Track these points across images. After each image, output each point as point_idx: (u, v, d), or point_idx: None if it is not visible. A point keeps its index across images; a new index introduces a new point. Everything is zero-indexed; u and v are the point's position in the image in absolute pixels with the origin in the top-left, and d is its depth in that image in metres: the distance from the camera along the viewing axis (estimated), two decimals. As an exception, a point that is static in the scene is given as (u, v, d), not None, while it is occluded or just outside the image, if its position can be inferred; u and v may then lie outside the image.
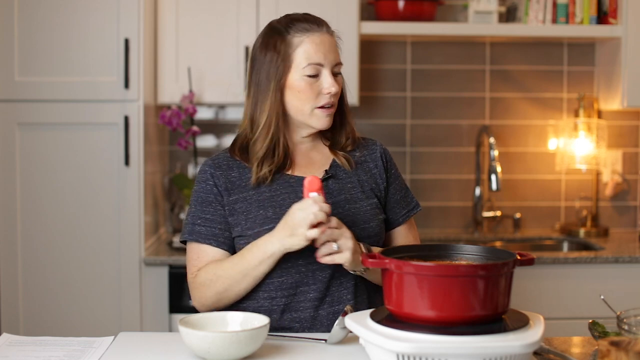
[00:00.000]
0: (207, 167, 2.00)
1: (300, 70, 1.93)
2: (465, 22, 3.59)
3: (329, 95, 1.94)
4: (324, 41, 1.94)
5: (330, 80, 1.93)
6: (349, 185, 2.00)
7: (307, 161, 2.03)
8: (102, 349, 1.74)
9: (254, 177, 1.95)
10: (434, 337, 1.49)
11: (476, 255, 1.70)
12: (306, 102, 1.94)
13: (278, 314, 1.91)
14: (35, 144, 3.12)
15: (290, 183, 1.97)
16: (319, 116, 1.96)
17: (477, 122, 3.77)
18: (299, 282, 1.91)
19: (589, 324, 1.83)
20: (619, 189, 3.80)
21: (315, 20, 1.97)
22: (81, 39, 3.11)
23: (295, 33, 1.94)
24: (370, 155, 2.07)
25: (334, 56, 1.96)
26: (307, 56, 1.93)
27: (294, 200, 1.92)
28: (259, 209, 1.93)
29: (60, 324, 3.12)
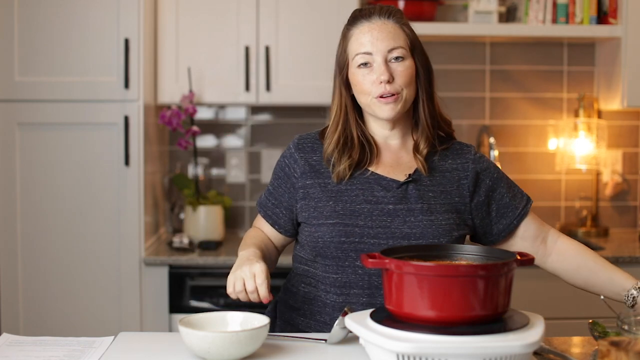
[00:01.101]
0: (292, 145, 2.00)
1: (353, 62, 1.91)
2: (465, 22, 3.59)
3: (382, 84, 1.86)
4: (372, 29, 1.89)
5: (381, 69, 1.86)
6: (430, 194, 1.92)
7: (394, 161, 1.96)
8: (102, 349, 1.74)
9: (334, 174, 1.91)
10: (434, 337, 1.49)
11: (476, 255, 1.70)
12: (364, 94, 1.90)
13: (330, 309, 1.90)
14: (35, 144, 3.12)
15: (369, 180, 1.92)
16: (378, 106, 1.89)
17: (477, 122, 3.77)
18: (354, 283, 1.88)
19: (589, 324, 1.83)
20: (619, 189, 3.80)
21: (371, 10, 1.92)
22: (81, 39, 3.11)
23: (351, 27, 1.93)
24: (462, 164, 1.98)
25: (387, 42, 1.87)
26: (356, 47, 1.90)
27: (367, 197, 1.89)
28: (329, 199, 1.90)
29: (60, 324, 3.12)
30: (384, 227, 1.87)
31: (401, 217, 1.88)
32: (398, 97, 1.89)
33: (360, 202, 1.88)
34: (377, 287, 1.87)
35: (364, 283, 1.87)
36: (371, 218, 1.88)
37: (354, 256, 1.86)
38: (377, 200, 1.90)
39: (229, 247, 3.35)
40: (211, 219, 3.40)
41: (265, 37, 3.37)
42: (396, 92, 1.88)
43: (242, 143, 3.74)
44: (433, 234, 1.88)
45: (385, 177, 1.93)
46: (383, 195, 1.90)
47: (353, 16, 1.95)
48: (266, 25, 3.37)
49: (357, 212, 1.88)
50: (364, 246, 1.86)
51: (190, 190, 3.48)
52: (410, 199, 1.90)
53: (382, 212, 1.88)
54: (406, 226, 1.88)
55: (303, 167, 1.95)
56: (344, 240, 1.86)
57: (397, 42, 1.89)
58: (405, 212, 1.89)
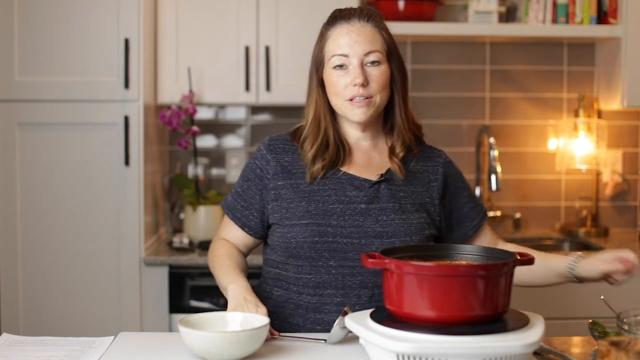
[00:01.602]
0: (263, 146, 2.02)
1: (328, 63, 1.92)
2: (465, 22, 3.59)
3: (356, 88, 1.88)
4: (350, 32, 1.89)
5: (357, 72, 1.87)
6: (401, 194, 1.95)
7: (366, 161, 1.98)
8: (102, 349, 1.74)
9: (308, 173, 1.93)
10: (434, 337, 1.49)
11: (476, 255, 1.70)
12: (336, 95, 1.92)
13: (304, 310, 1.90)
14: (35, 144, 3.12)
15: (341, 180, 1.94)
16: (350, 109, 1.90)
17: (477, 122, 3.77)
18: (327, 283, 1.88)
19: (589, 324, 1.83)
20: (619, 189, 3.80)
21: (351, 12, 1.93)
22: (81, 39, 3.11)
23: (330, 27, 1.94)
24: (433, 167, 2.01)
25: (364, 45, 1.88)
26: (332, 48, 1.91)
27: (340, 197, 1.91)
28: (302, 200, 1.91)
29: (60, 324, 3.12)
30: (357, 227, 1.89)
31: (373, 216, 1.91)
32: (371, 102, 1.91)
33: (333, 202, 1.90)
34: (351, 287, 1.88)
35: (337, 283, 1.88)
36: (344, 217, 1.90)
37: (327, 256, 1.88)
38: (349, 199, 1.92)
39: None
40: (211, 219, 3.40)
41: (265, 37, 3.37)
42: (369, 96, 1.90)
43: (242, 143, 3.74)
44: (405, 232, 1.90)
45: (358, 177, 1.95)
46: (355, 194, 1.92)
47: (332, 16, 1.96)
48: (266, 25, 3.37)
49: (329, 212, 1.90)
50: (337, 245, 1.88)
51: (190, 190, 3.48)
52: (382, 198, 1.93)
53: (354, 212, 1.90)
54: (378, 225, 1.90)
55: (275, 168, 1.97)
56: (317, 240, 1.87)
57: (374, 46, 1.90)
58: (378, 211, 1.91)
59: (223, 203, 2.05)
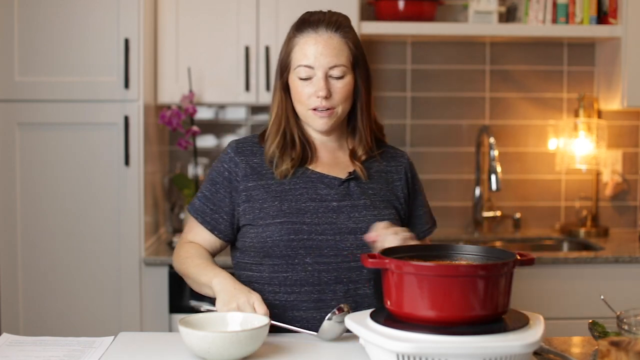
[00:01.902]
0: (230, 149, 2.01)
1: (294, 72, 1.94)
2: (465, 22, 3.59)
3: (319, 100, 1.91)
4: (317, 42, 1.91)
5: (320, 84, 1.90)
6: (370, 191, 1.98)
7: (333, 160, 2.01)
8: (102, 349, 1.74)
9: (276, 172, 1.95)
10: (434, 337, 1.49)
11: (476, 255, 1.70)
12: (300, 103, 1.95)
13: (280, 309, 1.91)
14: (35, 144, 3.12)
15: (311, 178, 1.96)
16: (313, 118, 1.94)
17: (477, 122, 3.77)
18: (304, 280, 1.90)
19: (589, 324, 1.83)
20: (619, 189, 3.80)
21: (319, 20, 1.93)
22: (81, 39, 3.11)
23: (297, 33, 1.94)
24: (396, 167, 2.05)
25: (329, 59, 1.90)
26: (298, 57, 1.92)
27: (312, 196, 1.93)
28: (274, 199, 1.93)
29: (60, 324, 3.12)
30: (331, 224, 1.92)
31: (346, 213, 1.94)
32: (333, 112, 1.94)
33: (305, 201, 1.93)
34: (327, 283, 1.90)
35: (313, 280, 1.90)
36: (317, 215, 1.92)
37: (303, 253, 1.90)
38: (321, 197, 1.94)
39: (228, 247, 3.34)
40: (211, 219, 3.40)
41: (265, 37, 3.37)
42: (331, 107, 1.93)
43: (242, 143, 3.73)
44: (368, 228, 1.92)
45: (327, 175, 1.97)
46: (327, 192, 1.95)
47: (301, 21, 1.96)
48: (266, 25, 3.37)
49: (303, 210, 1.92)
50: (313, 242, 1.90)
51: (190, 190, 3.48)
52: (353, 196, 1.96)
53: (327, 209, 1.93)
54: (352, 221, 1.92)
55: (244, 170, 1.98)
56: (293, 237, 1.89)
57: (339, 60, 1.92)
58: (350, 208, 1.94)
59: (190, 207, 2.04)
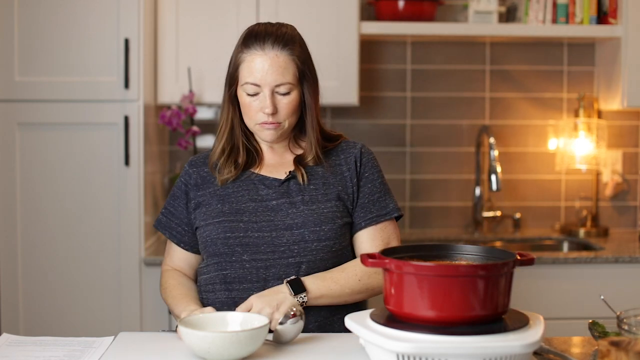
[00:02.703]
0: (187, 164, 2.12)
1: (241, 87, 1.98)
2: (465, 22, 3.59)
3: (266, 115, 1.96)
4: (264, 61, 1.94)
5: (266, 102, 1.94)
6: (311, 186, 2.01)
7: (278, 161, 2.07)
8: (102, 349, 1.74)
9: (218, 179, 2.03)
10: (434, 337, 1.49)
11: (476, 255, 1.70)
12: (247, 116, 2.00)
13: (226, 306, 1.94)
14: (35, 144, 3.12)
15: (253, 181, 2.02)
16: (260, 130, 2.00)
17: (477, 122, 3.77)
18: (243, 277, 1.94)
19: (589, 324, 1.83)
20: (619, 189, 3.80)
21: (265, 36, 1.96)
22: (81, 39, 3.11)
23: (244, 49, 1.98)
24: (345, 159, 2.07)
25: (275, 77, 1.94)
26: (245, 75, 1.97)
27: (253, 197, 1.99)
28: (217, 202, 2.00)
29: (60, 324, 3.12)
30: (268, 221, 1.96)
31: (284, 210, 1.98)
32: (279, 126, 2.00)
33: (246, 201, 1.99)
34: (266, 280, 1.93)
35: (252, 277, 1.93)
36: (255, 214, 1.97)
37: (240, 251, 1.94)
38: (261, 198, 2.00)
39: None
40: (211, 219, 3.40)
41: (265, 37, 3.36)
42: (278, 122, 1.98)
43: (242, 143, 3.73)
44: (315, 221, 1.96)
45: (268, 177, 2.03)
46: (266, 193, 2.00)
47: (248, 35, 1.99)
48: (266, 25, 3.37)
49: (242, 210, 1.98)
50: (249, 240, 1.94)
51: (190, 190, 3.48)
52: (291, 193, 2.00)
53: (266, 208, 1.98)
54: (289, 217, 1.96)
55: (195, 180, 2.06)
56: (229, 235, 1.94)
57: (285, 78, 1.95)
58: (288, 205, 1.98)
59: (157, 224, 2.12)
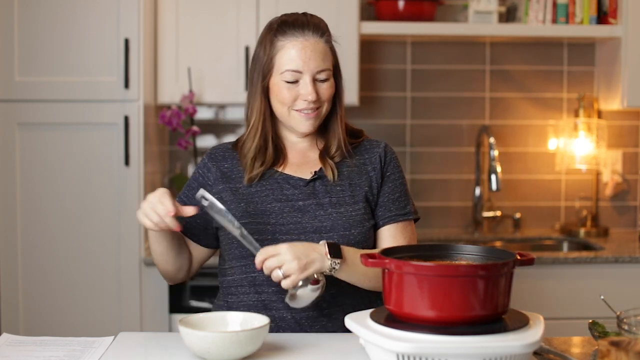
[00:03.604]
0: (206, 156, 2.07)
1: (279, 75, 1.94)
2: (465, 22, 3.59)
3: (307, 102, 1.92)
4: (305, 47, 1.92)
5: (309, 88, 1.91)
6: (337, 187, 1.98)
7: (301, 160, 2.03)
8: (102, 349, 1.74)
9: (246, 177, 1.98)
10: (434, 337, 1.49)
11: (476, 255, 1.70)
12: (283, 105, 1.95)
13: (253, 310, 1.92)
14: (35, 144, 3.12)
15: (277, 180, 1.98)
16: (297, 119, 1.95)
17: (477, 122, 3.77)
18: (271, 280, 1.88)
19: (589, 324, 1.83)
20: (619, 189, 3.80)
21: (302, 23, 1.94)
22: (81, 39, 3.11)
23: (280, 36, 1.94)
24: (370, 158, 2.03)
25: (317, 63, 1.92)
26: (286, 62, 1.92)
27: (278, 197, 1.95)
28: (240, 202, 1.96)
29: (60, 324, 3.12)
30: (296, 223, 1.93)
31: (311, 212, 1.95)
32: (318, 114, 1.96)
33: (271, 202, 1.95)
34: None
35: None
36: (282, 215, 1.94)
37: None
38: (286, 198, 1.96)
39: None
40: (211, 219, 3.40)
41: (265, 37, 3.37)
42: (318, 108, 1.95)
43: (242, 143, 3.73)
44: (344, 225, 1.93)
45: (293, 176, 1.99)
46: (292, 193, 1.97)
47: (284, 23, 1.96)
48: (266, 25, 3.37)
49: (268, 211, 1.94)
50: (277, 242, 1.89)
51: (190, 190, 3.48)
52: (318, 195, 1.97)
53: (292, 209, 1.95)
54: (317, 220, 1.93)
55: (215, 174, 2.02)
56: (258, 238, 1.90)
57: (325, 64, 1.94)
58: (315, 206, 1.94)
59: None
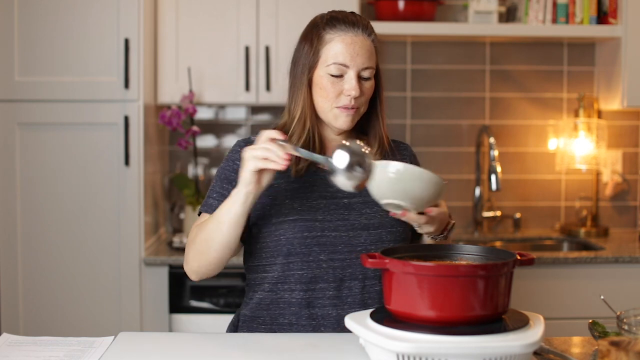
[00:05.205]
0: (239, 147, 1.99)
1: (325, 68, 1.92)
2: (465, 22, 3.59)
3: (349, 98, 1.91)
4: (354, 42, 1.91)
5: (353, 83, 1.90)
6: None
7: None
8: (102, 349, 1.74)
9: (293, 169, 1.95)
10: (434, 337, 1.49)
11: (476, 255, 1.70)
12: (326, 99, 1.93)
13: (297, 307, 1.91)
14: (35, 144, 3.12)
15: (320, 176, 1.96)
16: (337, 115, 1.94)
17: (477, 122, 3.77)
18: (319, 277, 1.90)
19: (589, 324, 1.83)
20: (619, 189, 3.80)
21: (353, 21, 1.94)
22: (81, 39, 3.11)
23: (329, 30, 1.93)
24: (402, 159, 2.04)
25: (364, 60, 1.91)
26: (333, 55, 1.91)
27: (322, 193, 1.95)
28: (285, 198, 1.93)
29: (60, 324, 3.12)
30: (343, 220, 1.93)
31: (357, 209, 1.95)
32: (357, 112, 1.95)
33: (316, 198, 1.94)
34: (342, 280, 1.91)
35: (329, 277, 1.90)
36: (329, 212, 1.94)
37: (317, 250, 1.90)
38: (331, 195, 1.96)
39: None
40: (211, 219, 3.40)
41: (265, 37, 3.37)
42: (358, 107, 1.94)
43: (242, 143, 3.73)
44: (390, 223, 1.94)
45: None
46: (336, 189, 1.93)
47: (334, 18, 1.95)
48: (266, 25, 3.37)
49: (314, 207, 1.93)
50: (326, 239, 1.91)
51: (190, 190, 3.48)
52: (362, 192, 1.93)
53: (338, 206, 1.95)
54: (364, 217, 1.94)
55: None
56: (307, 235, 1.89)
57: (371, 62, 1.94)
58: (360, 204, 1.95)
59: (204, 208, 1.98)
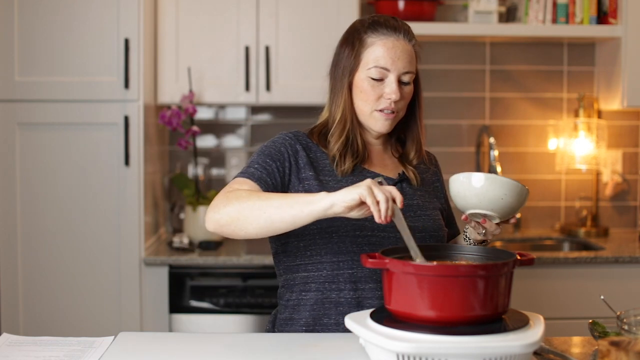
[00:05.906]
0: (288, 137, 1.98)
1: (365, 71, 1.92)
2: (465, 22, 3.59)
3: (389, 101, 1.91)
4: (396, 47, 1.92)
5: (394, 87, 1.90)
6: (419, 192, 2.01)
7: (381, 162, 2.03)
8: (102, 349, 1.74)
9: (338, 170, 1.95)
10: (434, 337, 1.49)
11: (476, 255, 1.70)
12: (366, 102, 1.94)
13: (345, 307, 1.90)
14: (35, 144, 3.12)
15: (366, 177, 1.95)
16: (376, 118, 1.94)
17: (477, 122, 3.77)
18: (369, 277, 1.89)
19: (589, 324, 1.83)
20: (619, 189, 3.80)
21: (395, 25, 1.95)
22: (81, 39, 3.11)
23: (371, 33, 1.94)
24: (433, 170, 2.11)
25: (404, 64, 1.92)
26: (375, 58, 1.92)
27: None
28: None
29: (60, 324, 3.12)
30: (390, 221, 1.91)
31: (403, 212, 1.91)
32: (396, 116, 1.96)
33: None
34: None
35: (377, 277, 1.89)
36: None
37: (367, 250, 1.89)
38: None
39: (229, 247, 3.35)
40: (211, 219, 3.40)
41: (265, 37, 3.37)
42: (397, 111, 1.95)
43: (242, 143, 3.74)
44: (432, 227, 1.98)
45: (380, 175, 1.98)
46: None
47: (375, 22, 1.96)
48: (266, 25, 3.37)
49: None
50: (376, 239, 1.90)
51: (190, 190, 3.48)
52: (406, 196, 1.98)
53: None
54: (409, 220, 1.93)
55: (304, 159, 1.96)
56: (358, 234, 1.89)
57: (411, 67, 1.94)
58: (406, 207, 1.94)
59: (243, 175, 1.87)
